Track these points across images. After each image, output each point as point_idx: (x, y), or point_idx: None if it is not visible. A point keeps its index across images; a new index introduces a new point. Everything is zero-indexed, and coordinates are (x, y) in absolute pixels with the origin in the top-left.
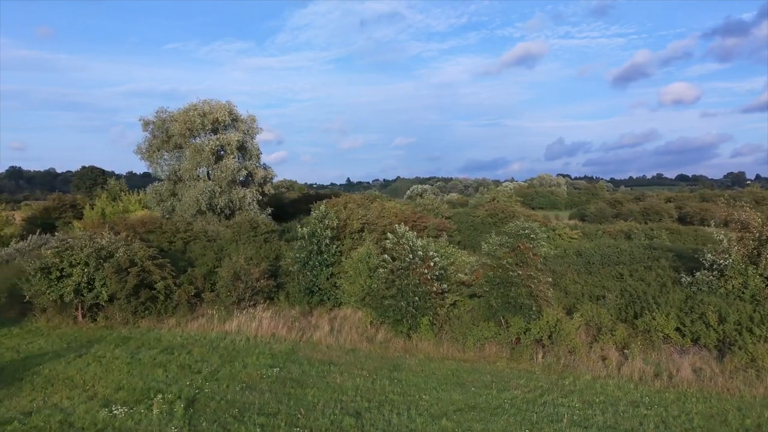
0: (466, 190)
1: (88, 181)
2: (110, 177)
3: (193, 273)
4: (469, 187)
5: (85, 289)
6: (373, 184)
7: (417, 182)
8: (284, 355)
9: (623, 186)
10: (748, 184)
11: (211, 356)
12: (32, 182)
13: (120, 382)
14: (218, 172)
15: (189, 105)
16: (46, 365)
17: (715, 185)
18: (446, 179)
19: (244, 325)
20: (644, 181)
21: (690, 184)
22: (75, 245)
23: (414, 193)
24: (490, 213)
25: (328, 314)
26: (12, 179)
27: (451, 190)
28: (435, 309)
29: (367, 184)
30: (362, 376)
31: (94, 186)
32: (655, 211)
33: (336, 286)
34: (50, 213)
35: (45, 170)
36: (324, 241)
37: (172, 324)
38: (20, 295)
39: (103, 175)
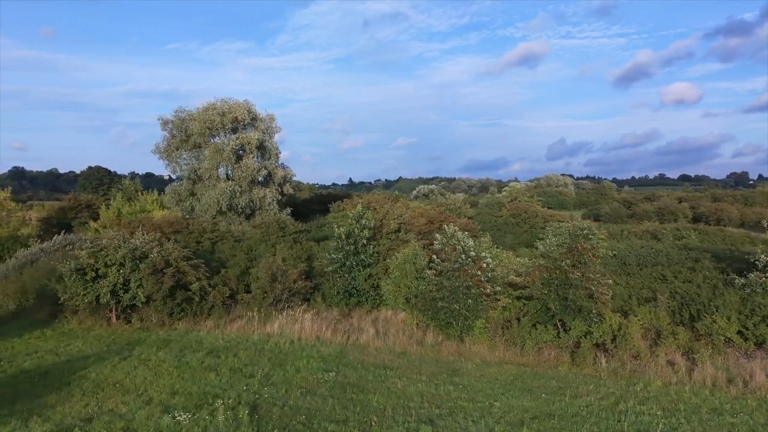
0: (470, 190)
1: (95, 181)
2: (123, 178)
3: (226, 274)
4: (473, 187)
5: (121, 290)
6: (375, 184)
7: (420, 182)
8: (334, 359)
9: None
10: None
11: (259, 359)
12: (35, 182)
13: (173, 386)
14: (238, 172)
15: (208, 104)
16: (91, 369)
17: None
18: (449, 179)
19: (286, 328)
20: (647, 181)
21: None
22: (109, 246)
23: (420, 193)
24: (512, 213)
25: (368, 316)
26: (15, 179)
27: (454, 190)
28: (487, 311)
29: (369, 184)
30: (423, 381)
31: (101, 186)
32: (669, 212)
33: (375, 288)
34: (66, 213)
35: (48, 170)
36: (361, 241)
37: (210, 326)
38: (50, 296)
39: (109, 175)
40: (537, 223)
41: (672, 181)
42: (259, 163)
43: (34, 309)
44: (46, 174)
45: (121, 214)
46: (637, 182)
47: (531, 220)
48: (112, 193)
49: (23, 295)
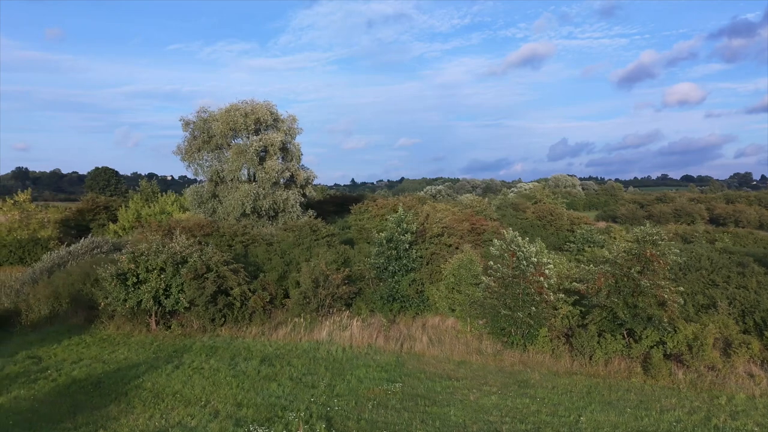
0: (475, 191)
1: (102, 181)
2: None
3: (265, 279)
4: (477, 187)
5: (162, 295)
6: (378, 185)
7: (424, 183)
8: (393, 368)
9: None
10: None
11: (316, 368)
12: (38, 183)
13: (235, 397)
14: (262, 174)
15: (230, 105)
16: (145, 377)
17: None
18: (453, 180)
19: (335, 335)
20: (649, 181)
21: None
22: (149, 250)
23: (428, 194)
24: (538, 215)
25: (414, 322)
26: (18, 180)
27: (458, 190)
28: (549, 320)
29: (372, 185)
30: (495, 393)
31: (108, 186)
32: (686, 213)
33: (419, 293)
34: (84, 215)
35: (51, 171)
36: (403, 246)
37: (254, 333)
38: (85, 301)
39: (116, 176)
40: (563, 225)
41: (675, 181)
42: (282, 164)
43: (68, 314)
44: (49, 175)
45: (141, 216)
46: (640, 183)
47: (556, 222)
48: (129, 195)
49: (56, 300)
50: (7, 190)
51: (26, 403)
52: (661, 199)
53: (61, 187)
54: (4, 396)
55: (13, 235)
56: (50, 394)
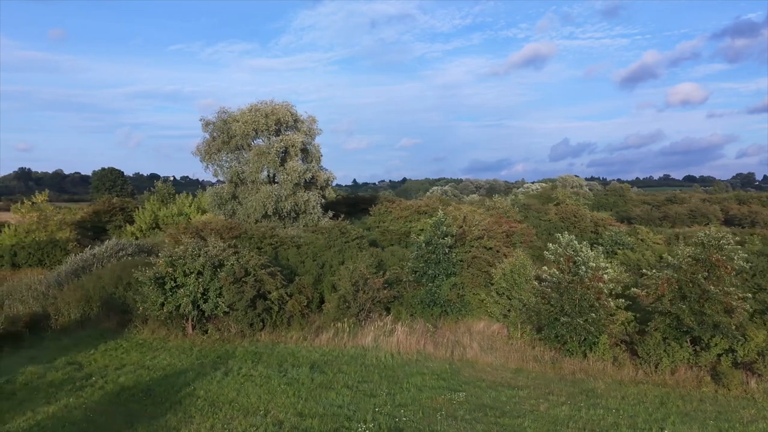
0: (479, 191)
1: (108, 182)
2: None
3: (301, 282)
4: (481, 188)
5: (200, 299)
6: (380, 185)
7: (427, 183)
8: (449, 376)
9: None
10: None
11: (369, 375)
12: (41, 183)
13: (294, 406)
14: (283, 175)
15: (250, 105)
16: (195, 385)
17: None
18: (456, 180)
19: (381, 340)
20: (651, 182)
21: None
22: (186, 254)
23: (434, 194)
24: (561, 216)
25: (458, 327)
26: (21, 181)
27: (462, 191)
28: (608, 326)
29: (374, 185)
30: (564, 404)
31: (114, 187)
32: (701, 214)
33: (461, 297)
34: (100, 216)
35: (53, 172)
36: (443, 249)
37: (296, 338)
38: (117, 305)
39: (122, 177)
40: (586, 227)
41: (677, 182)
42: (304, 165)
43: (100, 318)
44: (52, 175)
45: (158, 218)
46: (642, 183)
47: (580, 224)
48: (144, 196)
49: (87, 304)
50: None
51: (78, 412)
52: (671, 200)
53: (63, 187)
54: (54, 405)
55: (31, 236)
56: (101, 403)
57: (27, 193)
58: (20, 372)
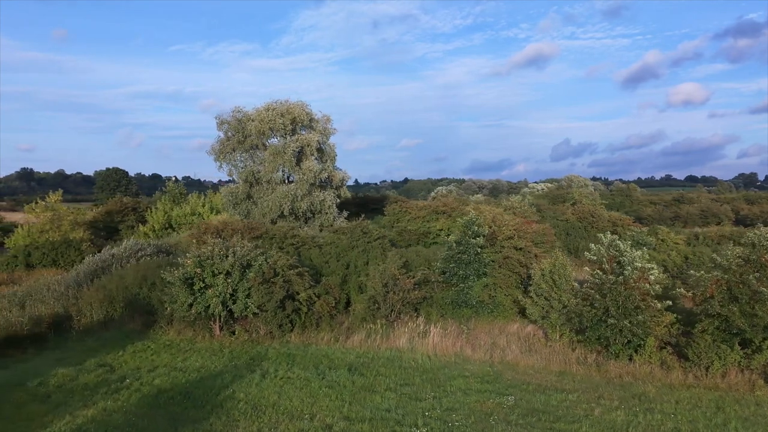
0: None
1: (112, 182)
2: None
3: (327, 283)
4: (484, 188)
5: (229, 300)
6: (382, 185)
7: (429, 183)
8: (493, 379)
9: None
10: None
11: (410, 378)
12: (43, 184)
13: (340, 409)
14: (300, 175)
15: (266, 104)
16: (233, 387)
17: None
18: (459, 180)
19: (416, 342)
20: (654, 182)
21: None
22: (214, 254)
23: (439, 194)
24: (578, 216)
25: (491, 328)
26: (23, 180)
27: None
28: (654, 328)
29: (375, 185)
30: (618, 408)
31: (118, 187)
32: (712, 214)
33: (492, 298)
34: (113, 216)
35: (55, 172)
36: (474, 249)
37: (327, 339)
38: (142, 305)
39: (127, 177)
40: (604, 227)
41: (679, 182)
42: (319, 165)
43: (124, 319)
44: (54, 175)
45: (171, 218)
46: (644, 183)
47: (598, 224)
48: (156, 196)
49: (110, 304)
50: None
51: (118, 416)
52: (679, 200)
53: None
54: (92, 408)
55: (45, 236)
56: (140, 406)
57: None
58: (51, 374)
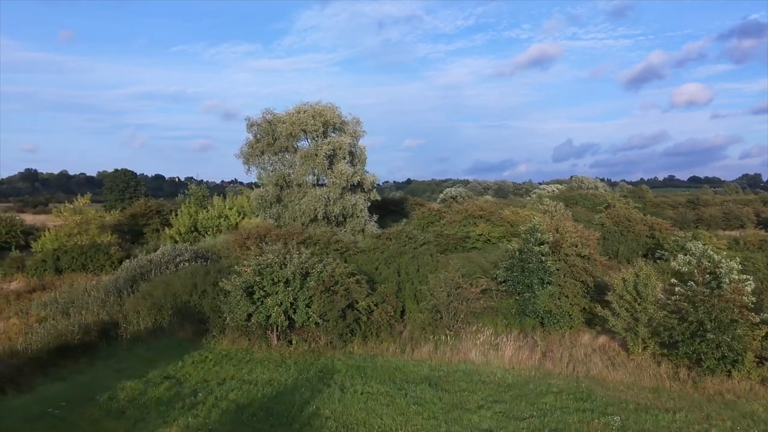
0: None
1: (121, 183)
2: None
3: (383, 291)
4: (489, 189)
5: (290, 309)
6: (384, 186)
7: (433, 184)
8: (586, 397)
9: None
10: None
11: (498, 394)
12: (47, 185)
13: (437, 429)
14: (332, 178)
15: (297, 106)
16: (315, 403)
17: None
18: (463, 181)
19: (490, 355)
20: (657, 182)
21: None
22: (273, 262)
23: (448, 195)
24: (614, 221)
25: (562, 340)
26: (27, 181)
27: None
28: (750, 343)
29: (378, 186)
30: (734, 429)
31: (127, 189)
32: (734, 216)
33: (558, 308)
34: (137, 219)
35: (58, 173)
36: (537, 257)
37: (393, 350)
38: (193, 314)
39: (135, 178)
40: (641, 231)
41: (683, 182)
42: (351, 168)
43: (173, 327)
44: (57, 176)
45: (197, 221)
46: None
47: (634, 228)
48: (178, 199)
49: (158, 312)
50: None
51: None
52: (694, 201)
53: (70, 188)
54: (173, 426)
55: (73, 240)
56: (223, 423)
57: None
58: (119, 387)
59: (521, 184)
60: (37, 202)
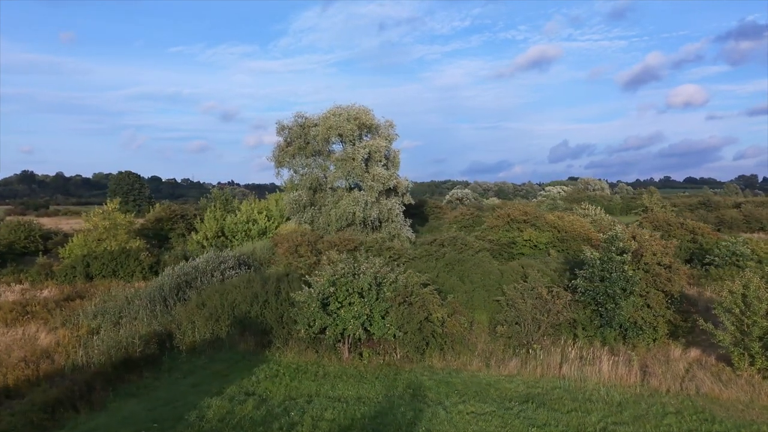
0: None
1: (125, 186)
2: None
3: (453, 301)
4: (489, 190)
5: (366, 322)
6: None
7: (433, 186)
8: (710, 417)
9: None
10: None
11: (613, 416)
12: (44, 186)
13: None
14: (369, 181)
15: (330, 109)
16: (424, 425)
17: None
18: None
19: (586, 370)
20: (653, 183)
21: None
22: (347, 272)
23: (454, 197)
24: (654, 225)
25: (651, 354)
26: (25, 183)
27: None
28: None
29: None
30: None
31: (131, 191)
32: (755, 219)
33: (643, 319)
34: (162, 224)
35: (55, 174)
36: (619, 267)
37: (477, 364)
38: (256, 324)
39: (140, 180)
40: (684, 236)
41: (678, 183)
42: (387, 172)
43: (233, 338)
44: (54, 178)
45: (224, 226)
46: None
47: (674, 232)
48: (201, 203)
49: (216, 322)
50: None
51: None
52: (705, 203)
53: (67, 190)
54: None
55: (102, 246)
56: None
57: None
58: (204, 406)
59: (521, 185)
60: (38, 205)
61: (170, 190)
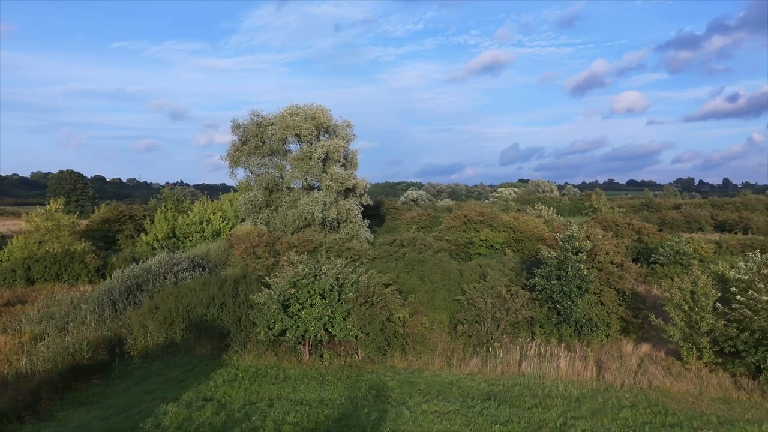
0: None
1: (67, 185)
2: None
3: (414, 301)
4: (443, 192)
5: (328, 323)
6: None
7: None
8: (662, 410)
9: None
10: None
11: (574, 410)
12: None
13: None
14: (327, 182)
15: (287, 108)
16: (388, 426)
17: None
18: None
19: (544, 367)
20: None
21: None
22: (307, 273)
23: (408, 198)
24: (603, 225)
25: (604, 350)
26: None
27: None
28: None
29: None
30: None
31: (73, 191)
32: (694, 219)
33: (597, 316)
34: (110, 225)
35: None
36: (576, 265)
37: (439, 364)
38: (213, 328)
39: (82, 180)
40: (629, 235)
41: (622, 186)
42: (345, 172)
43: (189, 342)
44: None
45: (176, 227)
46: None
47: (622, 232)
48: (150, 203)
49: (170, 326)
50: None
51: None
52: (648, 205)
53: (3, 190)
54: None
55: (44, 248)
56: None
57: None
58: (160, 413)
59: (473, 187)
60: None
61: (115, 191)
